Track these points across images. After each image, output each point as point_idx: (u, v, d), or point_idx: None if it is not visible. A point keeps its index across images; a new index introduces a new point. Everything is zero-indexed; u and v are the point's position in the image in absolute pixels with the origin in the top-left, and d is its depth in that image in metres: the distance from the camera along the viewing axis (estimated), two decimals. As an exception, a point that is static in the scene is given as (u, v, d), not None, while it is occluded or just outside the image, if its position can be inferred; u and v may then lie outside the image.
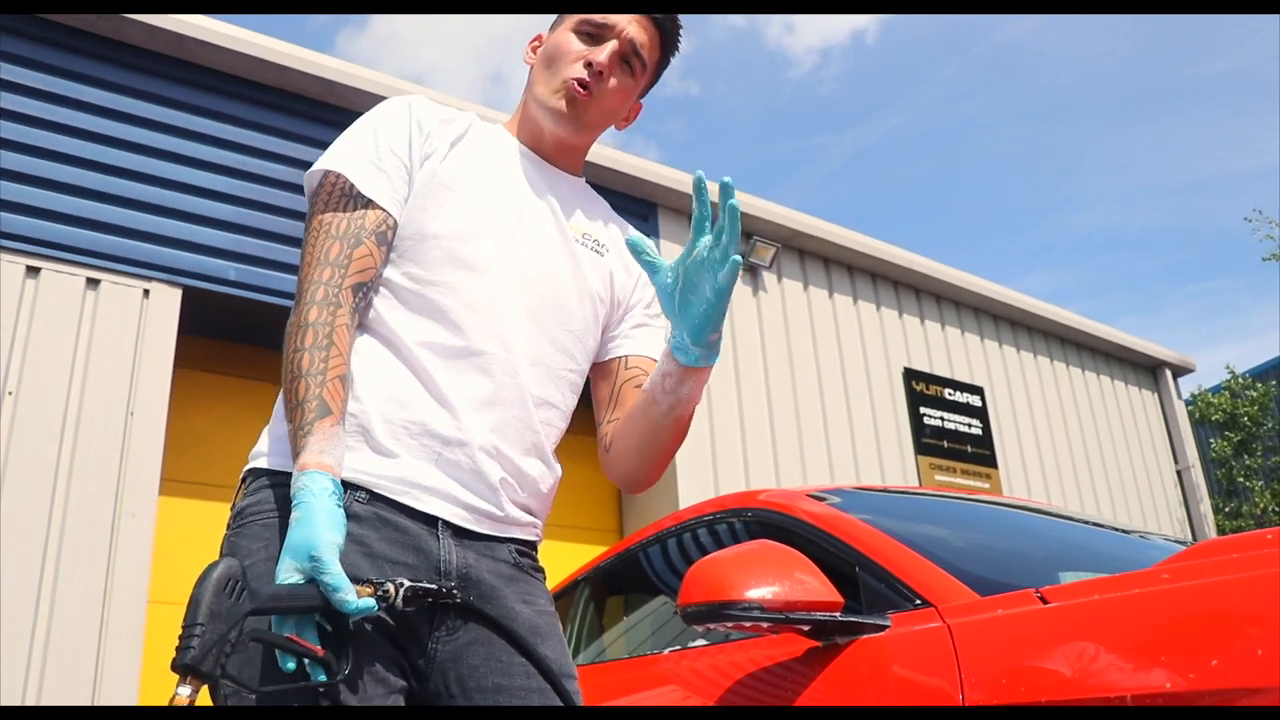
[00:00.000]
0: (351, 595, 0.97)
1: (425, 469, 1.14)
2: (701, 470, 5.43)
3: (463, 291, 1.21)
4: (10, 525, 3.48)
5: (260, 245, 4.36)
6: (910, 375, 6.82)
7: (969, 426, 7.01)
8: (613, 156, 5.52)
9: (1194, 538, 8.13)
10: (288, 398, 1.09)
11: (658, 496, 5.29)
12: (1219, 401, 11.24)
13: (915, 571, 1.63)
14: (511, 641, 1.14)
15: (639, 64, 1.35)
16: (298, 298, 1.14)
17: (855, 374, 6.51)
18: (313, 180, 1.24)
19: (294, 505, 1.01)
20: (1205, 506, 8.59)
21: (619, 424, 1.32)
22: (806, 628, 1.55)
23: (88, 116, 4.11)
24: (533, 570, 1.25)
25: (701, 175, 1.08)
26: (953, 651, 1.38)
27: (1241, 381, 11.45)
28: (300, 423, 1.06)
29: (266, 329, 4.50)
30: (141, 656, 3.59)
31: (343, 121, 1.29)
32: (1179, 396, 9.05)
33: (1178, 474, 8.69)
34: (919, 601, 1.55)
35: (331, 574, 0.96)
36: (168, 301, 4.09)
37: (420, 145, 1.26)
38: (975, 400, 7.16)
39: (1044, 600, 1.34)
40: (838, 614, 1.52)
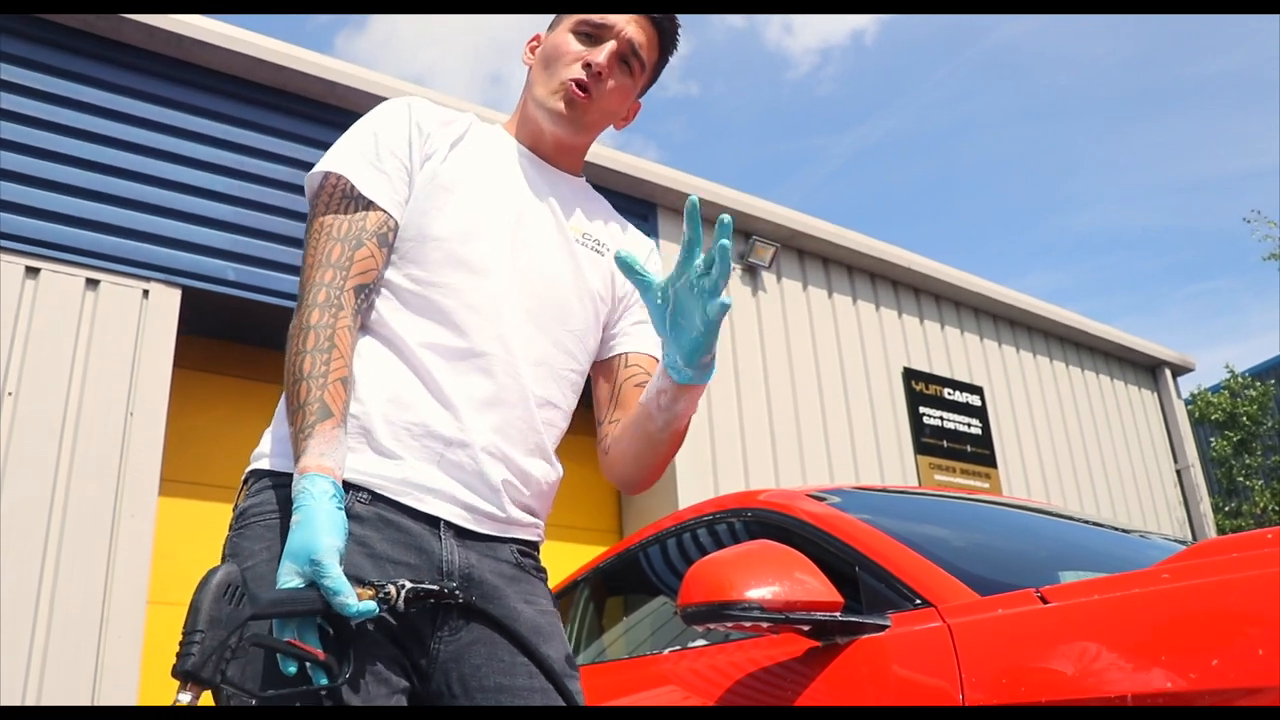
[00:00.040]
0: (352, 598, 0.97)
1: (427, 470, 1.14)
2: (701, 470, 5.43)
3: (463, 293, 1.21)
4: (10, 525, 3.48)
5: (259, 245, 4.36)
6: (910, 375, 6.82)
7: (968, 426, 7.01)
8: (612, 157, 5.51)
9: (1194, 537, 8.13)
10: (289, 400, 1.09)
11: (657, 497, 5.29)
12: (1219, 401, 11.25)
13: (915, 571, 1.63)
14: (514, 641, 1.14)
15: (637, 64, 1.35)
16: (300, 300, 1.14)
17: (855, 374, 6.51)
18: (313, 182, 1.24)
19: (294, 508, 1.01)
20: (1205, 506, 8.59)
21: (617, 430, 1.32)
22: (806, 628, 1.55)
23: (87, 117, 4.11)
24: (535, 571, 1.25)
25: (695, 200, 1.07)
26: (953, 651, 1.38)
27: (1241, 381, 11.46)
28: (301, 425, 1.06)
29: (266, 329, 4.50)
30: (141, 657, 3.59)
31: (342, 122, 1.29)
32: (1179, 396, 9.05)
33: (1177, 473, 8.70)
34: (919, 601, 1.55)
35: (332, 577, 0.96)
36: (167, 302, 4.08)
37: (420, 146, 1.26)
38: (975, 400, 7.16)
39: (1044, 600, 1.34)
40: (838, 614, 1.52)
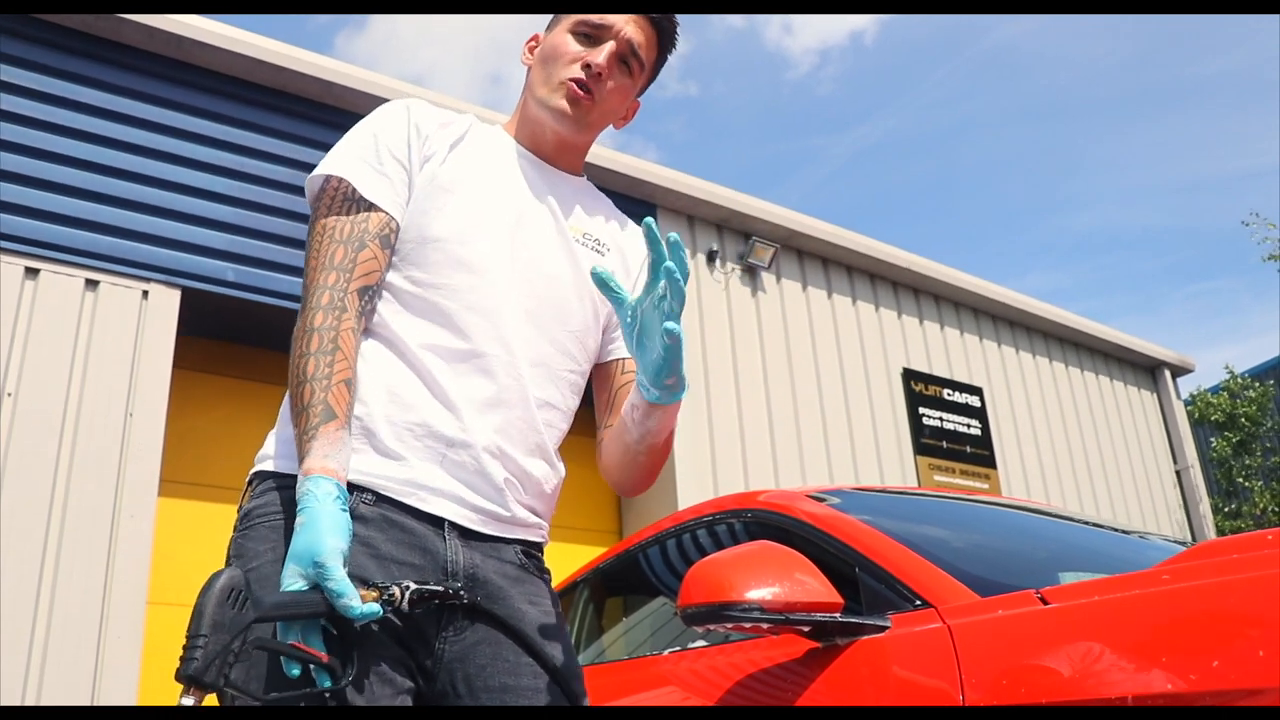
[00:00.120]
0: (356, 601, 0.97)
1: (431, 470, 1.14)
2: (700, 471, 5.43)
3: (464, 294, 1.21)
4: (10, 526, 3.48)
5: (259, 246, 4.36)
6: (909, 375, 6.82)
7: (968, 427, 7.01)
8: (612, 157, 5.52)
9: (1193, 538, 8.13)
10: (293, 402, 1.09)
11: (657, 497, 5.29)
12: (1218, 401, 11.25)
13: (915, 572, 1.63)
14: (518, 641, 1.14)
15: (636, 64, 1.35)
16: (303, 303, 1.15)
17: (854, 374, 6.51)
18: (314, 185, 1.24)
19: (298, 511, 1.01)
20: (1205, 507, 8.60)
21: (606, 437, 1.33)
22: (806, 629, 1.55)
23: (87, 118, 4.11)
24: (538, 571, 1.25)
25: (649, 221, 1.06)
26: (953, 652, 1.37)
27: (1241, 381, 11.46)
28: (305, 427, 1.06)
29: (265, 330, 4.50)
30: (141, 657, 3.59)
31: (341, 122, 1.29)
32: (1178, 396, 9.06)
33: (1177, 474, 8.70)
34: (919, 602, 1.55)
35: (336, 580, 0.96)
36: (166, 302, 4.09)
37: (419, 148, 1.26)
38: (974, 400, 7.16)
39: (1044, 601, 1.34)
40: (838, 615, 1.52)
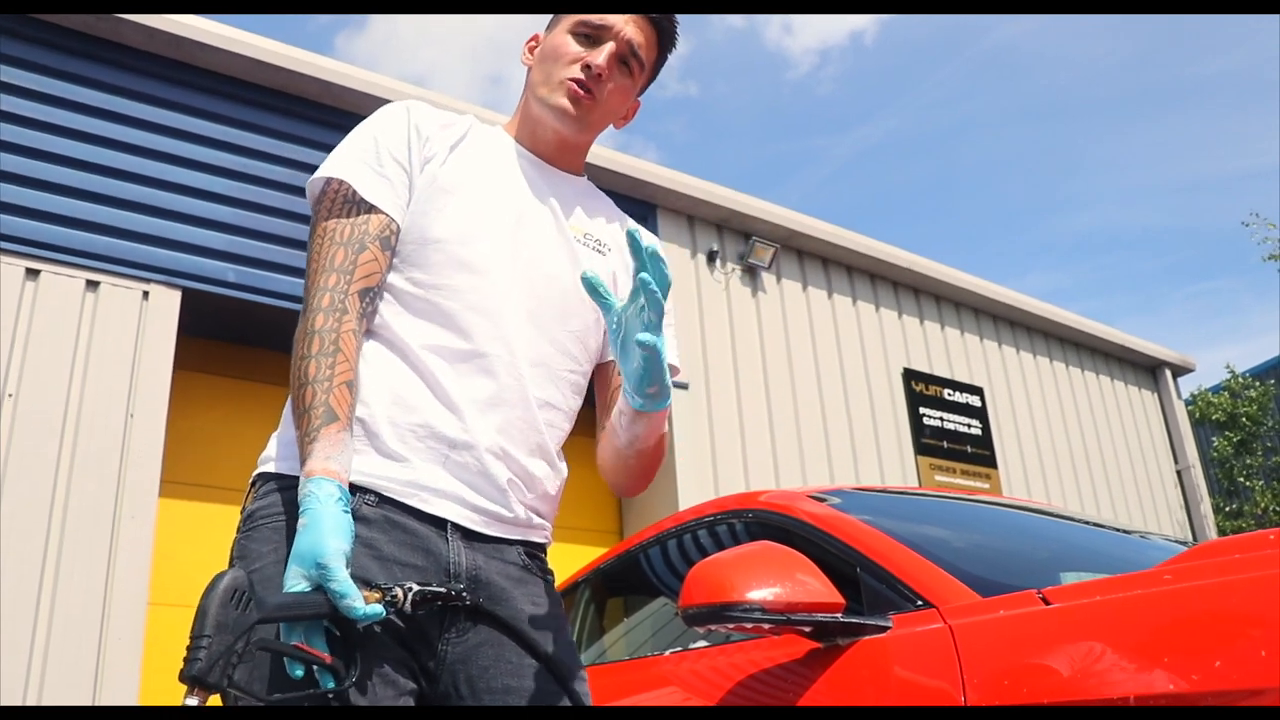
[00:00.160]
0: (359, 601, 0.97)
1: (434, 471, 1.14)
2: (701, 471, 5.43)
3: (466, 295, 1.21)
4: (11, 526, 3.48)
5: (259, 247, 4.36)
6: (910, 375, 6.82)
7: (969, 427, 7.01)
8: (612, 158, 5.52)
9: (1194, 538, 8.13)
10: (295, 404, 1.09)
11: (658, 498, 5.29)
12: (1219, 401, 11.24)
13: (916, 572, 1.62)
14: (521, 643, 1.14)
15: (636, 64, 1.35)
16: (305, 305, 1.15)
17: (855, 374, 6.51)
18: (315, 188, 1.24)
19: (300, 512, 1.01)
20: (1206, 507, 8.59)
21: (602, 437, 1.32)
22: (808, 629, 1.54)
23: (87, 118, 4.11)
24: (541, 572, 1.25)
25: (632, 231, 1.06)
26: (954, 652, 1.37)
27: (1241, 381, 11.46)
28: (307, 429, 1.06)
29: (266, 330, 4.50)
30: (141, 658, 3.58)
31: (341, 123, 1.29)
32: (1179, 396, 9.05)
33: (1178, 474, 8.69)
34: (920, 602, 1.55)
35: (339, 581, 0.96)
36: (167, 303, 4.08)
37: (419, 150, 1.26)
38: (975, 400, 7.16)
39: (1046, 601, 1.33)
40: (839, 615, 1.52)
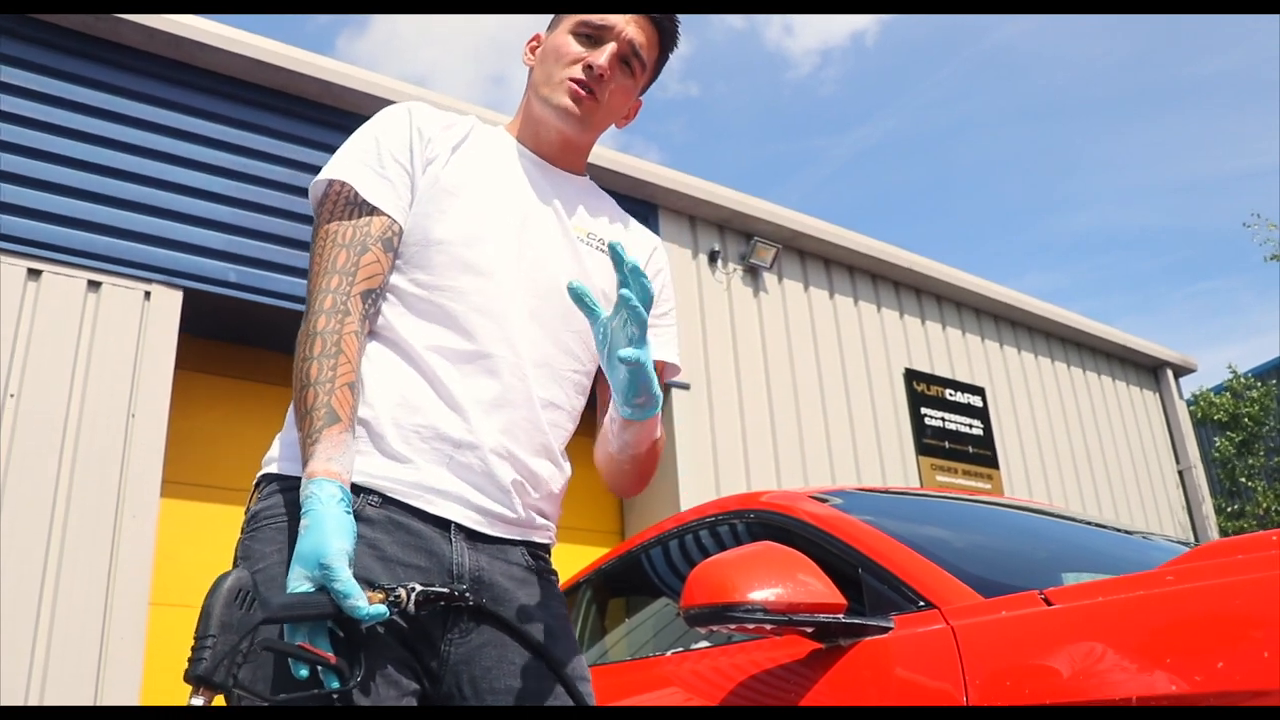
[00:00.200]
0: (363, 601, 0.97)
1: (438, 472, 1.14)
2: (703, 472, 5.42)
3: (470, 296, 1.21)
4: (12, 527, 3.48)
5: (260, 247, 4.36)
6: (911, 376, 6.82)
7: (970, 427, 7.01)
8: (613, 158, 5.52)
9: (1196, 539, 8.12)
10: (297, 406, 1.09)
11: (659, 498, 5.28)
12: (1221, 401, 11.23)
13: (918, 573, 1.62)
14: (524, 643, 1.14)
15: (638, 64, 1.35)
16: (307, 307, 1.15)
17: (856, 375, 6.50)
18: (317, 190, 1.24)
19: (303, 513, 1.01)
20: (1207, 507, 8.58)
21: (597, 440, 1.32)
22: (810, 630, 1.54)
23: (87, 119, 4.12)
24: (545, 573, 1.25)
25: (614, 244, 1.06)
26: (956, 653, 1.37)
27: (1243, 381, 11.44)
28: (309, 431, 1.06)
29: (267, 330, 4.50)
30: (143, 658, 3.59)
31: (342, 123, 1.29)
32: (1180, 396, 9.05)
33: (1179, 474, 8.69)
34: (922, 603, 1.55)
35: (342, 581, 0.96)
36: (168, 303, 4.09)
37: (422, 151, 1.26)
38: (976, 401, 7.15)
39: (1048, 602, 1.33)
40: (841, 616, 1.52)
